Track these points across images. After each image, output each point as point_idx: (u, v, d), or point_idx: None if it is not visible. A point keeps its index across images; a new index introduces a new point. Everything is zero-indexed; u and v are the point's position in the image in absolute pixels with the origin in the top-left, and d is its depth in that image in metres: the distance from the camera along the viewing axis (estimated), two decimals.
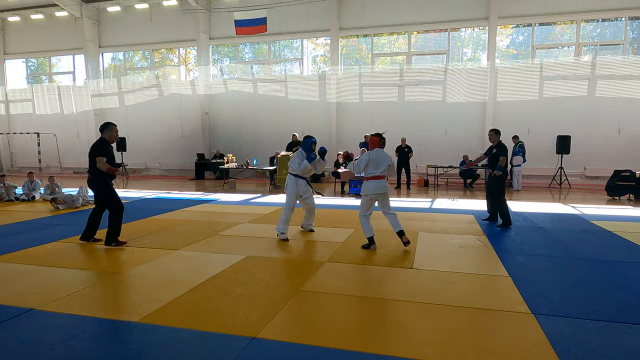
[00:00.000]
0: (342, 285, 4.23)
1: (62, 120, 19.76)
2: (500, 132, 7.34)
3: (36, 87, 20.39)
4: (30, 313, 3.48)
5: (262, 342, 2.99)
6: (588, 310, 3.57)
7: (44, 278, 4.40)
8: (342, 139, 16.29)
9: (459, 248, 5.70)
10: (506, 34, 15.98)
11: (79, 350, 2.88)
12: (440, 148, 15.14)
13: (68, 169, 19.65)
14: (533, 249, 5.68)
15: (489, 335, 3.17)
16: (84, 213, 8.45)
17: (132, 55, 19.76)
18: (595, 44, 14.80)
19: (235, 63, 18.34)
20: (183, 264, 4.93)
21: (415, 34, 16.10)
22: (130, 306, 3.64)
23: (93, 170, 5.50)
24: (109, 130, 5.57)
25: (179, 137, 18.45)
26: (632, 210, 9.15)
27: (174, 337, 3.08)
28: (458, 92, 15.30)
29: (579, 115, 14.09)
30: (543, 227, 7.09)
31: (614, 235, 6.49)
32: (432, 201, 10.54)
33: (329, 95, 16.42)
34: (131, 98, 19.10)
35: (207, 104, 18.03)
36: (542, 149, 13.93)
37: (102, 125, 5.64)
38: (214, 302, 3.79)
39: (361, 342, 2.98)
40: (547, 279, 4.44)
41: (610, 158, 13.54)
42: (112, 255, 5.28)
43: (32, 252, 5.42)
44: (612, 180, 11.03)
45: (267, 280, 4.34)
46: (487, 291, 4.16)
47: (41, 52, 20.14)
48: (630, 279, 4.43)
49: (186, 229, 6.85)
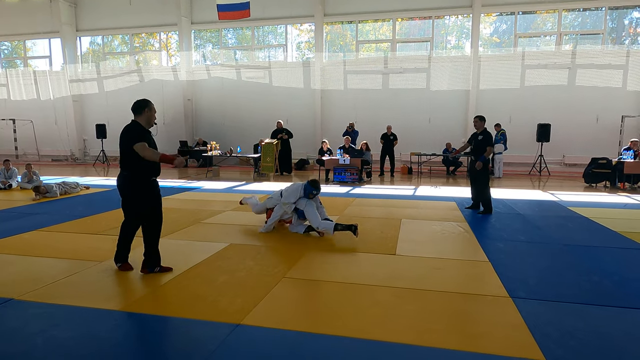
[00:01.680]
0: (326, 272, 4.27)
1: (39, 106, 19.18)
2: (485, 119, 7.26)
3: (11, 71, 19.71)
4: (9, 303, 3.42)
5: (246, 328, 3.01)
6: (564, 293, 3.68)
7: (23, 267, 4.32)
8: (326, 127, 16.26)
9: (440, 235, 5.79)
10: (489, 22, 16.07)
11: (60, 339, 2.85)
12: (423, 136, 15.25)
13: (46, 156, 19.17)
14: (512, 235, 5.81)
15: (468, 319, 3.25)
16: (62, 202, 8.31)
17: (112, 39, 19.23)
18: (576, 34, 15.00)
19: (218, 49, 18.02)
20: (166, 252, 4.85)
21: (399, 21, 16.06)
22: (112, 295, 3.60)
23: (126, 163, 4.01)
24: (149, 110, 4.12)
25: (161, 124, 18.06)
26: (608, 197, 9.42)
27: (157, 325, 3.07)
28: (442, 80, 15.38)
29: (559, 104, 14.34)
30: (522, 214, 7.25)
31: (590, 221, 6.68)
32: (415, 188, 10.65)
33: (314, 82, 16.32)
34: (111, 84, 18.64)
35: (190, 90, 17.74)
36: (522, 137, 14.18)
37: (138, 103, 4.11)
38: (197, 290, 3.78)
39: (344, 327, 3.02)
40: (525, 264, 4.55)
41: (588, 146, 13.86)
42: (93, 245, 5.20)
43: (10, 242, 5.30)
44: (589, 167, 11.31)
45: (251, 267, 4.35)
46: (468, 276, 4.25)
47: (15, 35, 19.41)
48: (605, 263, 4.58)
49: (169, 217, 6.76)
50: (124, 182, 4.08)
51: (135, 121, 4.08)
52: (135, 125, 4.04)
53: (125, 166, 4.03)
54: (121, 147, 3.99)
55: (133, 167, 4.00)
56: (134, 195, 4.08)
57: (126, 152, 3.97)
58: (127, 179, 4.05)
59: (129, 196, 4.11)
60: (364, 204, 8.19)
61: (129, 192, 4.10)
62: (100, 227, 6.04)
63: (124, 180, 4.07)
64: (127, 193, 4.11)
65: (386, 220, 6.63)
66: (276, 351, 2.73)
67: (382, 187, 11.14)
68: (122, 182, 4.09)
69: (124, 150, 3.97)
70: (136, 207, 4.11)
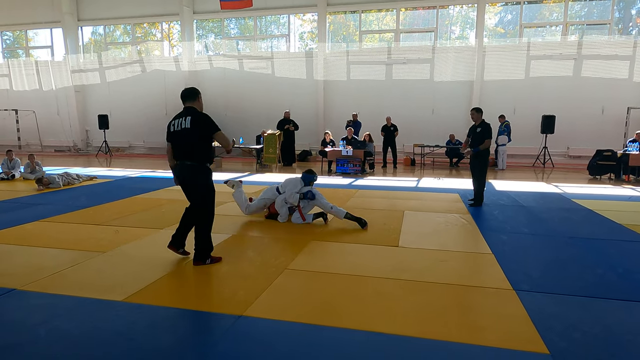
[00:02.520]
0: (328, 263, 4.26)
1: (41, 97, 19.14)
2: (482, 111, 7.14)
3: (13, 61, 19.65)
4: (11, 293, 3.42)
5: (249, 319, 3.00)
6: (567, 286, 3.66)
7: (25, 258, 4.32)
8: (329, 117, 16.18)
9: (443, 227, 5.77)
10: (494, 12, 15.87)
11: (63, 330, 2.85)
12: (427, 127, 15.15)
13: (49, 147, 19.17)
14: (516, 227, 5.78)
15: (471, 311, 3.24)
16: (65, 192, 8.31)
17: (113, 29, 19.12)
18: (583, 24, 14.81)
19: (220, 39, 17.89)
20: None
21: (403, 11, 15.88)
22: (115, 285, 3.60)
23: (195, 153, 3.94)
24: (200, 97, 4.16)
25: (164, 115, 18.03)
26: (613, 189, 9.36)
27: (160, 316, 3.07)
28: (445, 70, 15.25)
29: (564, 95, 14.20)
30: (526, 206, 7.21)
31: (595, 214, 6.64)
32: (418, 180, 10.61)
33: (316, 72, 16.20)
34: (113, 74, 18.56)
35: (192, 81, 17.60)
36: (527, 128, 14.06)
37: (192, 90, 4.14)
38: (199, 281, 3.78)
39: (347, 319, 3.01)
40: (528, 257, 4.53)
41: (593, 138, 13.74)
42: (95, 235, 5.20)
43: (13, 232, 5.31)
44: (594, 159, 11.22)
45: (253, 259, 4.34)
46: (471, 268, 4.23)
47: (17, 24, 19.32)
48: (610, 256, 4.55)
49: (171, 208, 6.77)
50: (191, 172, 3.99)
51: (194, 108, 4.04)
52: (204, 113, 4.01)
53: (192, 156, 3.94)
54: (191, 136, 3.90)
55: (202, 156, 3.96)
56: (205, 184, 4.02)
57: (199, 141, 3.91)
58: (194, 168, 3.97)
59: (199, 185, 4.02)
60: (366, 195, 8.16)
61: (198, 182, 4.01)
62: (103, 218, 6.04)
63: (191, 170, 3.98)
64: (196, 182, 4.02)
65: (389, 212, 6.61)
66: (279, 342, 2.72)
67: (385, 178, 11.11)
68: (189, 173, 4.00)
69: (197, 139, 3.91)
70: (204, 196, 4.05)
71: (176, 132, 4.01)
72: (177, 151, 4.05)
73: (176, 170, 4.10)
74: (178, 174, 4.09)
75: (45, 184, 8.57)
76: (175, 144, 4.07)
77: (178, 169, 4.07)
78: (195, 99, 4.08)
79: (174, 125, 4.05)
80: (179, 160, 4.05)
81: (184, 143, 3.96)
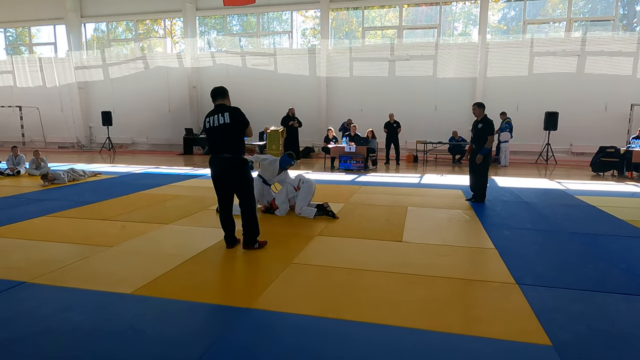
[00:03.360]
0: (333, 257, 4.30)
1: (44, 93, 19.19)
2: (484, 106, 6.94)
3: (16, 58, 19.69)
4: (22, 286, 3.48)
5: (255, 312, 3.05)
6: (570, 280, 3.70)
7: (34, 252, 4.38)
8: (331, 114, 16.19)
9: (447, 222, 5.80)
10: (497, 9, 15.84)
11: (73, 321, 2.91)
12: (429, 124, 15.15)
13: (52, 143, 19.25)
14: (518, 222, 5.81)
15: (475, 305, 3.28)
16: (70, 188, 8.38)
17: (116, 26, 19.13)
18: (586, 20, 14.76)
19: (222, 35, 17.90)
20: (174, 238, 4.94)
21: (406, 7, 15.85)
22: (123, 279, 3.65)
23: (233, 146, 4.19)
24: (229, 94, 4.44)
25: (167, 112, 18.13)
26: (615, 186, 9.37)
27: (168, 308, 3.12)
28: (448, 67, 15.23)
29: (567, 92, 14.17)
30: (528, 202, 7.23)
31: (597, 210, 6.67)
32: (421, 176, 10.64)
33: (319, 69, 16.20)
34: (116, 71, 18.60)
35: (195, 77, 17.67)
36: (530, 125, 14.06)
37: (222, 88, 4.38)
38: (206, 275, 3.84)
39: (352, 312, 3.06)
40: (531, 252, 4.56)
41: (596, 134, 13.70)
42: (102, 230, 5.26)
43: (21, 227, 5.37)
44: (597, 156, 11.22)
45: (259, 253, 4.39)
46: (474, 263, 4.27)
47: (20, 21, 19.35)
48: (612, 251, 4.58)
49: (176, 204, 6.84)
50: (230, 165, 4.21)
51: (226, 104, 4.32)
52: (237, 108, 4.28)
53: (230, 148, 4.18)
54: (231, 131, 4.16)
55: (240, 149, 4.26)
56: (246, 174, 4.31)
57: (237, 134, 4.20)
58: (233, 160, 4.21)
59: (242, 176, 4.29)
60: (369, 191, 8.20)
61: (241, 173, 4.27)
62: (109, 214, 6.10)
63: (230, 162, 4.20)
64: (238, 173, 4.26)
65: (392, 207, 6.65)
66: (286, 334, 2.77)
67: (388, 175, 11.13)
68: (227, 165, 4.21)
69: (234, 132, 4.18)
70: (248, 185, 4.35)
71: (214, 127, 4.20)
72: (214, 145, 4.26)
73: (214, 162, 4.29)
74: (217, 166, 4.28)
75: (51, 179, 8.63)
76: (213, 139, 4.26)
77: (217, 161, 4.26)
78: (225, 96, 4.37)
79: (209, 122, 4.25)
80: (215, 154, 4.28)
81: (223, 137, 4.18)
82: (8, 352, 2.54)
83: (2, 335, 2.71)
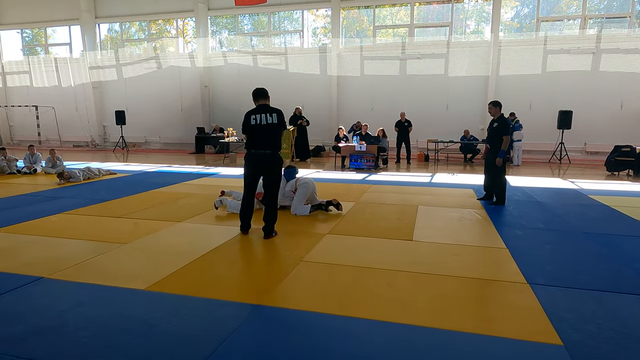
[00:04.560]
0: (343, 255, 4.32)
1: (60, 93, 19.55)
2: (500, 105, 6.83)
3: (32, 58, 20.08)
4: (39, 281, 3.57)
5: (266, 308, 3.09)
6: (582, 280, 3.66)
7: (51, 248, 4.48)
8: (342, 113, 16.20)
9: (457, 221, 5.78)
10: (511, 6, 15.65)
11: (89, 316, 2.97)
12: (441, 123, 15.07)
13: (68, 142, 19.59)
14: (530, 222, 5.76)
15: (486, 304, 3.28)
16: (85, 186, 8.53)
17: (129, 26, 19.38)
18: (601, 17, 14.52)
19: (234, 35, 18.01)
20: (187, 236, 5.01)
21: (417, 5, 15.76)
22: (137, 275, 3.72)
23: (277, 144, 4.72)
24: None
25: (179, 111, 18.32)
26: (631, 186, 9.22)
27: (181, 304, 3.17)
28: (460, 66, 15.11)
29: (582, 90, 13.97)
30: (541, 202, 7.16)
31: (612, 210, 6.57)
32: (432, 175, 10.59)
33: (330, 68, 16.22)
34: (129, 70, 18.85)
35: (207, 76, 17.82)
36: (543, 124, 13.89)
37: (263, 90, 4.88)
38: (218, 272, 3.88)
39: (363, 309, 3.08)
40: (543, 251, 4.52)
41: (611, 133, 13.49)
42: (116, 227, 5.35)
43: (38, 224, 5.49)
44: (612, 155, 11.04)
45: (270, 251, 4.43)
46: (485, 262, 4.25)
47: (36, 22, 19.72)
48: (626, 252, 4.52)
49: (188, 202, 6.92)
50: (272, 160, 4.67)
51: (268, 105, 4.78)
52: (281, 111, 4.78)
53: (275, 146, 4.67)
54: (277, 130, 4.65)
55: (278, 147, 4.72)
56: (280, 171, 4.82)
57: (279, 135, 4.70)
58: (274, 156, 4.68)
59: (275, 172, 4.76)
60: (380, 190, 8.19)
61: (276, 169, 4.74)
62: (123, 211, 6.20)
63: (271, 159, 4.67)
64: (274, 170, 4.72)
65: (402, 206, 6.64)
66: (296, 330, 2.80)
67: (399, 174, 11.10)
68: (269, 161, 4.67)
69: (279, 132, 4.68)
70: (278, 180, 4.84)
71: (260, 125, 4.62)
72: (260, 142, 4.63)
73: (256, 158, 4.68)
74: (257, 161, 4.68)
75: (67, 177, 8.79)
76: (259, 136, 4.63)
77: (259, 157, 4.66)
78: (267, 97, 4.83)
79: (255, 119, 4.64)
80: (257, 150, 4.66)
81: (268, 136, 4.62)
82: (24, 346, 2.61)
83: (19, 330, 2.79)
